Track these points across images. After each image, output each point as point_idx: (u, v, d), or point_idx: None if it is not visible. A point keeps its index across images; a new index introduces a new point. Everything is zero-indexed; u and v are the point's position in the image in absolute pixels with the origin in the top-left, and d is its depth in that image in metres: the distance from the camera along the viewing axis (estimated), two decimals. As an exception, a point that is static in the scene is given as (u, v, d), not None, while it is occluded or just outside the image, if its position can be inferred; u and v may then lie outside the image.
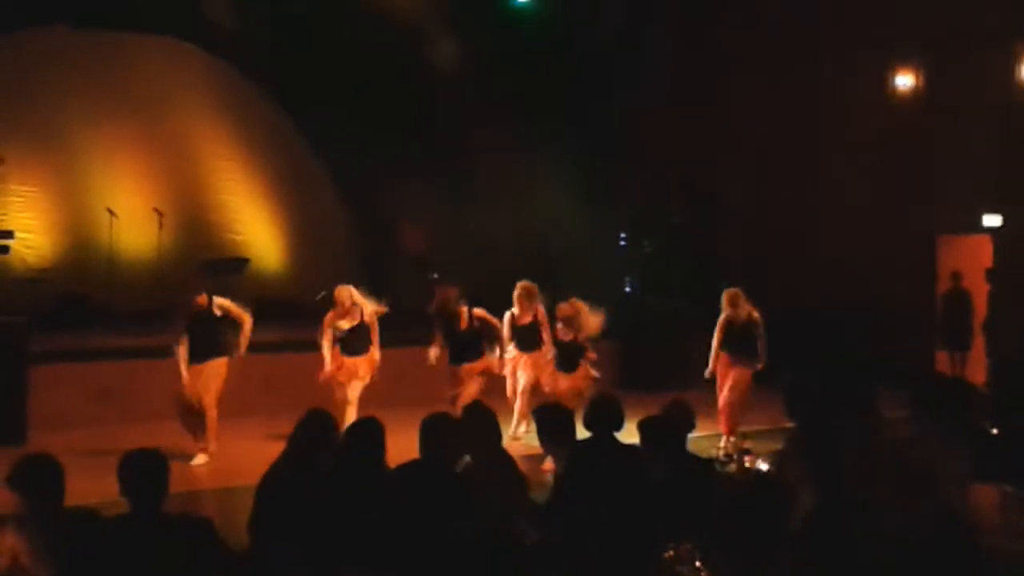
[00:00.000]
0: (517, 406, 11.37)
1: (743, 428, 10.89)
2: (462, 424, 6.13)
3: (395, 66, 17.13)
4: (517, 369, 11.43)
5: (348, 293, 11.03)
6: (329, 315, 11.08)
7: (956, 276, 16.10)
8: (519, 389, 11.37)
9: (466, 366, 11.23)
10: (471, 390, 11.00)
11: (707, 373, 11.18)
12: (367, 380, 11.08)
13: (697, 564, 4.83)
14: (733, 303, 11.07)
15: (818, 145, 17.22)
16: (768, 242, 17.33)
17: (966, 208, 15.79)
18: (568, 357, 11.20)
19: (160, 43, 17.23)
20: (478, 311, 11.30)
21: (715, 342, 11.13)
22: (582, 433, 6.31)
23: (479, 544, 5.00)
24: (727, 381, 11.10)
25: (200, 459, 10.40)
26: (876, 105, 16.70)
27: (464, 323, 11.20)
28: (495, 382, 11.44)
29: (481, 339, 11.37)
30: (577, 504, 5.62)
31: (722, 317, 11.11)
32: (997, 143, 15.41)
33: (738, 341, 11.07)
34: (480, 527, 5.23)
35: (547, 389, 11.19)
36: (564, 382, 11.13)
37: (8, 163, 14.98)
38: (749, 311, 11.05)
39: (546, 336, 11.30)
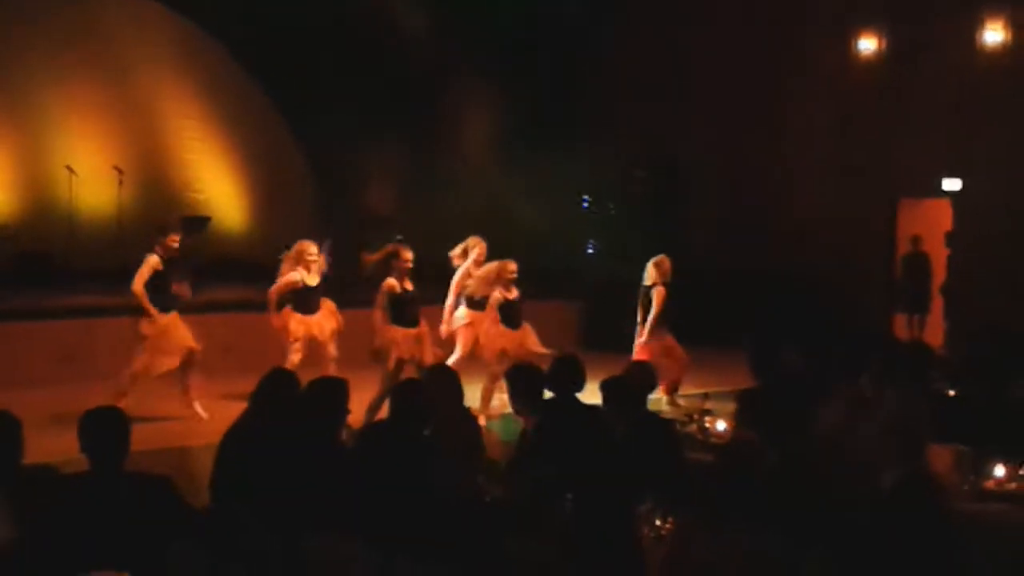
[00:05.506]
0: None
1: (706, 389, 10.92)
2: (425, 384, 6.15)
3: (365, 26, 16.96)
4: (464, 331, 11.05)
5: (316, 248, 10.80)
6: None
7: (916, 240, 16.21)
8: (453, 359, 10.65)
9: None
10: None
11: None
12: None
13: (657, 523, 4.88)
14: None
15: (781, 108, 17.26)
16: (730, 205, 17.38)
17: (927, 172, 15.90)
18: (506, 314, 10.88)
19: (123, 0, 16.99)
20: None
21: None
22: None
23: (441, 503, 5.03)
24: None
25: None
26: (839, 68, 16.76)
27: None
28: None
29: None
30: (539, 463, 5.65)
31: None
32: (958, 108, 15.51)
33: None
34: (442, 487, 5.25)
35: (486, 354, 10.86)
36: (503, 340, 10.77)
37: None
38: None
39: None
